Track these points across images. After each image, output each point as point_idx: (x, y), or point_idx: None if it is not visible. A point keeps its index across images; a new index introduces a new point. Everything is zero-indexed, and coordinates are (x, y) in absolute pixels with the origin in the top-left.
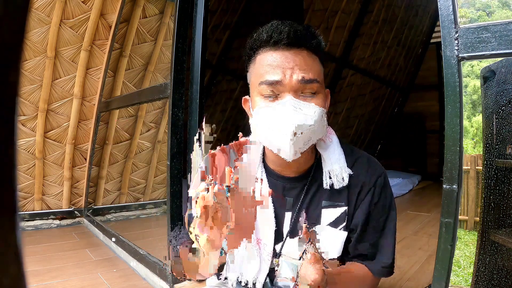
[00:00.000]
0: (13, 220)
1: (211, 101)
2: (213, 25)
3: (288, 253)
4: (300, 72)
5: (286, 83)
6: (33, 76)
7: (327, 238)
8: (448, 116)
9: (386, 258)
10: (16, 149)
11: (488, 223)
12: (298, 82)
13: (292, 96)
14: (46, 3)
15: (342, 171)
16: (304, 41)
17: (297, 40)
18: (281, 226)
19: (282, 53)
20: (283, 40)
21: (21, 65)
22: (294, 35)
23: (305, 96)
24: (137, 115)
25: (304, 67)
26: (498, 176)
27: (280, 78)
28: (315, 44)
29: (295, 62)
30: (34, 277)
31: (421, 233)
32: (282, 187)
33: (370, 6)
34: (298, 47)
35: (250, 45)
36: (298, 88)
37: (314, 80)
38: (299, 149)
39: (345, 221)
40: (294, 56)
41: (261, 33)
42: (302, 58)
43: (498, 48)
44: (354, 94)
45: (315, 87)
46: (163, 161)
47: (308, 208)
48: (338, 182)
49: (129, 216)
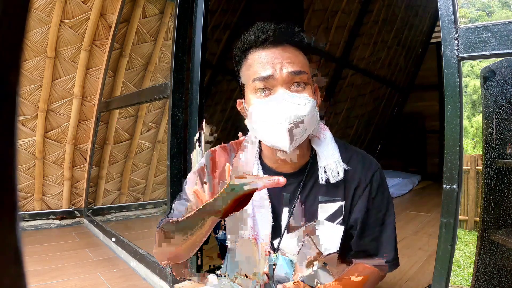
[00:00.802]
0: (13, 220)
1: (211, 101)
2: (213, 25)
3: (286, 248)
4: (288, 65)
5: (278, 77)
6: (33, 76)
7: (325, 233)
8: (448, 116)
9: (388, 251)
10: (16, 149)
11: (488, 223)
12: (288, 75)
13: (284, 89)
14: (46, 3)
15: (337, 165)
16: (288, 37)
17: (281, 37)
18: (279, 222)
19: (269, 51)
20: (269, 38)
21: (21, 65)
22: (279, 32)
23: (296, 87)
24: (137, 115)
25: (292, 61)
26: (498, 176)
27: (272, 72)
28: (298, 39)
29: (283, 57)
30: (34, 277)
31: (421, 233)
32: None
33: (370, 6)
34: (283, 43)
35: (239, 48)
36: (289, 80)
37: (302, 72)
38: (296, 140)
39: (341, 215)
40: (281, 52)
41: (249, 35)
42: (288, 53)
43: (498, 48)
44: (354, 94)
45: (304, 77)
46: (163, 161)
47: (305, 203)
48: (334, 176)
49: (129, 216)
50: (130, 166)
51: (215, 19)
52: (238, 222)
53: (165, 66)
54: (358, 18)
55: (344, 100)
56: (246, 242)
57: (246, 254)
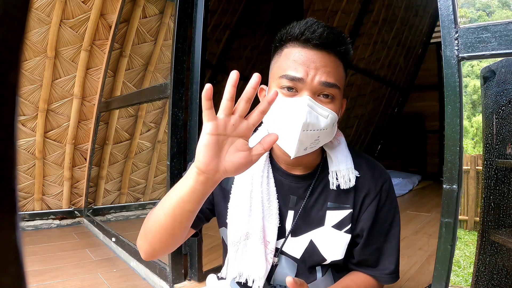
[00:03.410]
0: (13, 220)
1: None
2: (213, 25)
3: (289, 250)
4: (323, 74)
5: (307, 82)
6: (33, 76)
7: (331, 240)
8: (448, 116)
9: (389, 263)
10: (16, 149)
11: (488, 223)
12: (319, 84)
13: (310, 95)
14: (46, 3)
15: (349, 172)
16: (334, 45)
17: (327, 42)
18: (284, 224)
19: (309, 52)
20: (314, 40)
21: (21, 65)
22: (326, 37)
23: (324, 98)
24: (137, 115)
25: (328, 70)
26: (498, 176)
27: (303, 75)
28: (344, 51)
29: (321, 64)
30: (34, 277)
31: (421, 233)
32: (288, 184)
33: (370, 6)
34: (326, 49)
35: (279, 37)
36: (318, 89)
37: (334, 85)
38: (305, 148)
39: (350, 224)
40: (320, 57)
41: (294, 28)
42: (328, 61)
43: (498, 48)
44: (354, 94)
45: (334, 92)
46: (163, 161)
47: (312, 208)
48: (345, 183)
49: (129, 216)
50: (130, 166)
51: (215, 19)
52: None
53: (165, 66)
54: (358, 18)
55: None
56: (253, 244)
57: (251, 255)
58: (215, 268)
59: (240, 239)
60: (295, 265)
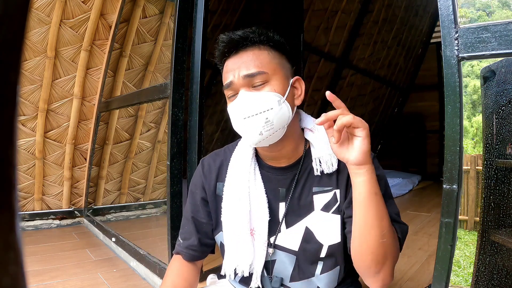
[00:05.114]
0: (13, 220)
1: (211, 101)
2: (213, 25)
3: (286, 243)
4: (242, 69)
5: (236, 82)
6: (33, 76)
7: (323, 223)
8: (448, 116)
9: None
10: (16, 149)
11: (488, 223)
12: (242, 78)
13: (244, 90)
14: (46, 3)
15: (331, 157)
16: (246, 41)
17: (238, 43)
18: (276, 217)
19: (231, 59)
20: (231, 49)
21: (21, 65)
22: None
23: (256, 87)
24: (137, 115)
25: (247, 64)
26: (498, 176)
27: (231, 79)
28: (258, 40)
29: (240, 62)
30: (34, 277)
31: (421, 233)
32: (275, 178)
33: (370, 6)
34: (242, 49)
35: (217, 62)
36: (246, 83)
37: (257, 73)
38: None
39: (336, 204)
40: (239, 57)
41: (218, 50)
42: (247, 56)
43: (498, 48)
44: (354, 94)
45: (261, 78)
46: (163, 161)
47: (300, 196)
48: (328, 168)
49: (129, 216)
50: (130, 166)
51: (215, 19)
52: (234, 217)
53: (165, 66)
54: (358, 18)
55: (344, 100)
56: (242, 237)
57: (242, 249)
58: (215, 268)
59: (233, 235)
60: (293, 258)
